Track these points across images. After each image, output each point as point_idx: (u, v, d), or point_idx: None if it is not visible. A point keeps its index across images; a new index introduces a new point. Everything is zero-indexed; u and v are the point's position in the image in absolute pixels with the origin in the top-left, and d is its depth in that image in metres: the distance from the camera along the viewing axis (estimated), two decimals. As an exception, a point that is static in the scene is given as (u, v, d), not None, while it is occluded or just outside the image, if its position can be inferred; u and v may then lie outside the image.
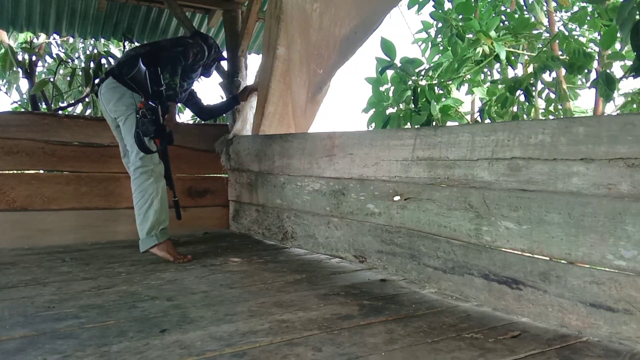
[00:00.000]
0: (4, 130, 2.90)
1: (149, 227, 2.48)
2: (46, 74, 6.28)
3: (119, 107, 2.57)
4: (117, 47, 6.16)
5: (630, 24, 2.40)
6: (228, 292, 1.93)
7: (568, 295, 1.44)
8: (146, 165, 2.52)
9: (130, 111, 2.54)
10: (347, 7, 2.32)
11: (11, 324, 1.57)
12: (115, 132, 2.75)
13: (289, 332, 1.47)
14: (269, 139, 2.98)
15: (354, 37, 2.35)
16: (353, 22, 2.33)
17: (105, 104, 2.63)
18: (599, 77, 3.51)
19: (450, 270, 1.82)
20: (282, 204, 2.85)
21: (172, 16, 4.15)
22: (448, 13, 4.14)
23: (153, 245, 2.49)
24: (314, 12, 2.57)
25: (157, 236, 2.49)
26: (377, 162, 2.15)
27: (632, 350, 1.29)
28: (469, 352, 1.32)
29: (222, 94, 3.80)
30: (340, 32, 2.39)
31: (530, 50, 4.43)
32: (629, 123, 1.31)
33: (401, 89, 4.04)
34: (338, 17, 2.39)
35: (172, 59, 2.52)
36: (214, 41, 2.93)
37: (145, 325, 1.55)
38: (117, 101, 2.57)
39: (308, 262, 2.46)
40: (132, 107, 2.53)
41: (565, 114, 4.44)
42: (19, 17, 3.91)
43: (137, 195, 2.53)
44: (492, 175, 1.65)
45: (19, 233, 2.91)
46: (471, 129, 1.77)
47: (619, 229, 1.32)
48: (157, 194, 2.51)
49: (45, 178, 3.05)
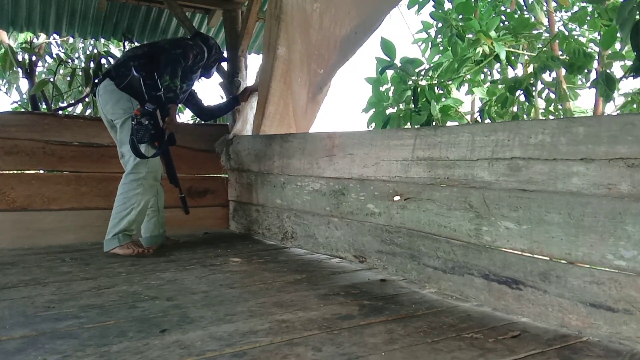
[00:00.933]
0: (4, 130, 2.90)
1: (117, 231, 2.59)
2: (46, 74, 6.28)
3: (117, 110, 2.59)
4: (117, 47, 6.15)
5: (630, 24, 2.40)
6: (228, 292, 1.93)
7: (568, 295, 1.44)
8: (139, 172, 2.57)
9: (127, 115, 2.56)
10: (347, 7, 2.32)
11: (11, 324, 1.57)
12: (111, 132, 2.76)
13: (289, 332, 1.47)
14: (269, 139, 2.98)
15: (354, 37, 2.35)
16: (353, 22, 2.32)
17: (103, 105, 2.64)
18: (599, 77, 3.52)
19: (450, 270, 1.82)
20: (282, 204, 2.85)
21: (172, 16, 4.15)
22: (448, 13, 4.14)
23: (115, 247, 2.60)
24: (314, 12, 2.57)
25: (120, 239, 2.60)
26: (377, 162, 2.15)
27: (632, 350, 1.29)
28: (469, 352, 1.32)
29: (222, 94, 3.80)
30: (341, 32, 2.39)
31: (530, 50, 4.43)
32: (629, 123, 1.31)
33: (401, 89, 4.04)
34: (338, 17, 2.39)
35: (172, 60, 2.53)
36: (214, 42, 2.93)
37: (145, 325, 1.55)
38: (114, 104, 2.58)
39: (308, 262, 2.46)
40: (129, 111, 2.55)
41: (565, 114, 4.44)
42: (19, 17, 3.91)
43: (120, 199, 2.58)
44: (492, 175, 1.65)
45: (19, 233, 2.91)
46: (471, 129, 1.77)
47: (619, 229, 1.32)
48: (138, 205, 2.57)
49: (45, 178, 3.05)
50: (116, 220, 2.58)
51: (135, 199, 2.56)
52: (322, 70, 2.60)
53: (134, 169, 2.58)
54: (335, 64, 2.62)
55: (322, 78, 2.69)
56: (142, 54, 2.63)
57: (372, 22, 2.32)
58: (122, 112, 2.57)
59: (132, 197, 2.56)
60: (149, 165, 2.58)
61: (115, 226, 2.59)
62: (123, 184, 2.60)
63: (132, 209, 2.56)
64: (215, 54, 2.89)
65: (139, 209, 2.58)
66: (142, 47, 2.80)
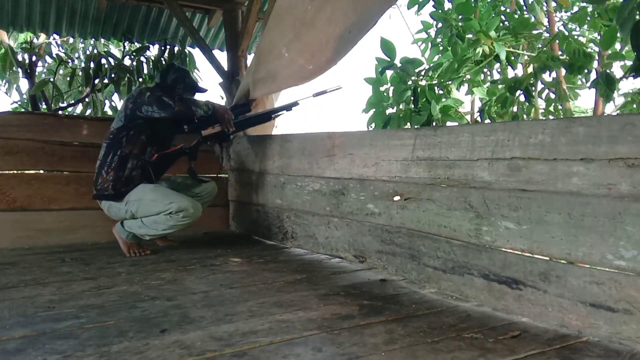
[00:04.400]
0: (4, 130, 2.90)
1: (134, 232, 2.65)
2: (46, 74, 6.28)
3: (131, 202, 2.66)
4: (117, 47, 6.15)
5: (630, 24, 2.40)
6: (228, 292, 1.93)
7: (568, 295, 1.44)
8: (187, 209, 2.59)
9: (139, 197, 2.61)
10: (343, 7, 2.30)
11: (11, 324, 1.57)
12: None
13: (289, 332, 1.47)
14: (269, 139, 2.98)
15: (348, 36, 2.34)
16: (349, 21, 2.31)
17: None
18: (599, 77, 3.52)
19: (450, 270, 1.82)
20: (282, 204, 2.85)
21: (172, 16, 4.15)
22: (448, 13, 4.14)
23: (120, 237, 2.68)
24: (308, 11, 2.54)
25: (129, 237, 2.67)
26: (377, 162, 2.15)
27: (632, 350, 1.29)
28: (469, 352, 1.32)
29: (221, 94, 3.80)
30: (335, 32, 2.37)
31: (530, 50, 4.43)
32: (629, 123, 1.31)
33: (401, 89, 4.04)
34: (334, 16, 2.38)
35: (148, 102, 2.55)
36: (177, 76, 2.79)
37: (145, 325, 1.55)
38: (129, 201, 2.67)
39: (308, 262, 2.46)
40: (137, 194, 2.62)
41: (565, 114, 4.45)
42: (19, 17, 3.91)
43: (163, 220, 2.57)
44: (492, 175, 1.65)
45: (19, 233, 2.91)
46: (471, 129, 1.77)
47: (619, 229, 1.32)
48: (164, 230, 2.61)
49: (45, 178, 3.05)
50: (143, 226, 2.61)
51: (166, 227, 2.60)
52: (311, 66, 2.57)
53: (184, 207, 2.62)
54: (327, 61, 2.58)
55: (309, 72, 2.63)
56: (110, 144, 2.66)
57: (367, 22, 2.31)
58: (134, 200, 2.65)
59: (174, 225, 2.59)
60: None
61: (135, 226, 2.62)
62: (175, 213, 2.57)
63: (163, 230, 2.61)
64: (182, 83, 2.78)
65: (165, 231, 2.63)
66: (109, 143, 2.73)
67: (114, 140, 2.64)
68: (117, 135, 2.64)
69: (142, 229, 2.62)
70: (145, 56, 4.90)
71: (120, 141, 2.63)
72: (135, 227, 2.62)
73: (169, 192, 2.62)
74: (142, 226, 2.61)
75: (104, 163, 2.64)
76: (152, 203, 2.56)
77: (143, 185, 2.64)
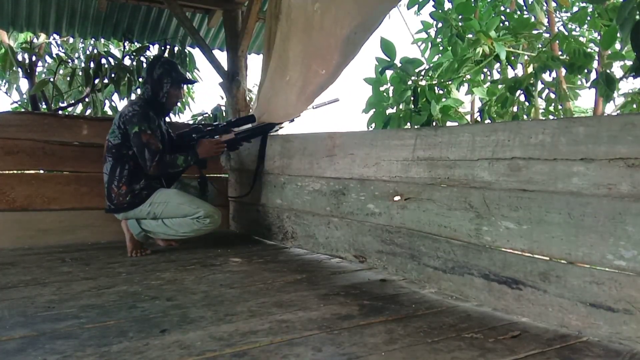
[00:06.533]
0: (4, 130, 2.90)
1: (147, 231, 2.69)
2: (46, 74, 6.28)
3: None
4: (117, 47, 6.16)
5: (630, 24, 2.40)
6: (228, 292, 1.93)
7: (568, 295, 1.44)
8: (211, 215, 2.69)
9: (165, 200, 2.66)
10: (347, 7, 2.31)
11: (11, 324, 1.57)
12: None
13: (289, 332, 1.47)
14: (269, 139, 2.97)
15: (354, 37, 2.35)
16: (354, 22, 2.32)
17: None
18: (599, 77, 3.51)
19: (450, 270, 1.82)
20: (282, 204, 2.85)
21: (172, 16, 4.15)
22: (448, 13, 4.14)
23: (131, 232, 2.69)
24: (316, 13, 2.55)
25: (140, 236, 2.70)
26: (377, 162, 2.15)
27: (632, 350, 1.29)
28: (469, 352, 1.32)
29: (222, 93, 3.79)
30: (342, 33, 2.38)
31: (530, 50, 4.42)
32: (629, 123, 1.31)
33: (401, 89, 4.03)
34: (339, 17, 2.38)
35: (139, 144, 2.58)
36: (163, 70, 2.74)
37: (145, 325, 1.55)
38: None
39: (308, 262, 2.46)
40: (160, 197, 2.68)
41: (565, 114, 4.45)
42: (19, 17, 3.91)
43: (189, 223, 2.65)
44: (492, 175, 1.65)
45: (19, 233, 2.91)
46: (471, 129, 1.77)
47: (619, 229, 1.32)
48: (192, 232, 2.68)
49: (46, 178, 3.05)
50: (161, 225, 2.66)
51: (189, 230, 2.67)
52: (324, 71, 2.59)
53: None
54: (338, 65, 2.61)
55: (324, 79, 2.66)
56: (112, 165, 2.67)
57: (372, 22, 2.31)
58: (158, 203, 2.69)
59: (198, 230, 2.67)
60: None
61: (153, 225, 2.67)
62: (202, 219, 2.65)
63: (177, 232, 2.68)
64: (168, 78, 2.73)
65: (180, 235, 2.71)
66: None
67: (118, 155, 2.65)
68: (120, 151, 2.65)
69: (161, 228, 2.66)
70: (145, 56, 4.90)
71: (125, 156, 2.64)
72: (153, 225, 2.66)
73: (195, 198, 2.71)
74: (162, 226, 2.65)
75: (113, 178, 2.64)
76: (180, 206, 2.63)
77: (166, 189, 2.73)
